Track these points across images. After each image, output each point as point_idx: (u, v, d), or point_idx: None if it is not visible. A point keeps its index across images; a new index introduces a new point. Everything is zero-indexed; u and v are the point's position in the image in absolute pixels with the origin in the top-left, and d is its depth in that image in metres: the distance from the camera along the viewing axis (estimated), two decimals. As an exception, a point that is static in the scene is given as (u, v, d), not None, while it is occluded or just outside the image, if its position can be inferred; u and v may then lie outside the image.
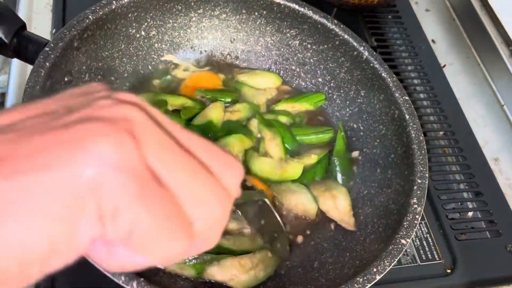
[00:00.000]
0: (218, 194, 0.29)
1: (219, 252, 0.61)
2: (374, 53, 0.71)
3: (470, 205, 0.81)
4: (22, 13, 0.85)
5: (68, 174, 0.23)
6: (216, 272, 0.59)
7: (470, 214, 0.79)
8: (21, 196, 0.22)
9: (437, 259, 0.72)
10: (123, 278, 0.47)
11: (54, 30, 0.84)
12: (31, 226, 0.22)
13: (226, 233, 0.64)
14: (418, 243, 0.72)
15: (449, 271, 0.71)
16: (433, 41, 1.02)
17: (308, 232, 0.67)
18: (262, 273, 0.61)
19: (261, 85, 0.78)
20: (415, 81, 0.94)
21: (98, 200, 0.24)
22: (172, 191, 0.27)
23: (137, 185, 0.25)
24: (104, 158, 0.24)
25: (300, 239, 0.67)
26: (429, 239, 0.73)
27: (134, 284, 0.47)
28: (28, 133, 0.24)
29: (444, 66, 0.98)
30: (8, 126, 0.25)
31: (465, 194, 0.82)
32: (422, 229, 0.74)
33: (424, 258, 0.71)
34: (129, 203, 0.24)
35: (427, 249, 0.72)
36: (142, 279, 0.48)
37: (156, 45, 0.75)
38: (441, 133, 0.87)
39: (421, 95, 0.92)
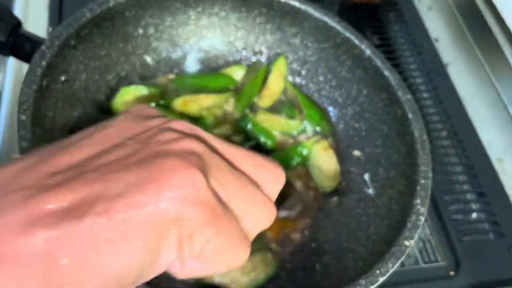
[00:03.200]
0: (264, 206, 0.34)
1: None
2: (376, 51, 0.71)
3: (473, 206, 0.80)
4: (17, 11, 0.85)
5: (154, 211, 0.27)
6: (216, 275, 0.59)
7: (473, 215, 0.79)
8: (119, 231, 0.26)
9: (440, 261, 0.71)
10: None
11: (50, 29, 0.84)
12: (126, 257, 0.26)
13: None
14: (421, 244, 0.72)
15: (452, 273, 0.71)
16: (435, 39, 1.02)
17: (307, 232, 0.67)
18: (263, 274, 0.61)
19: None
20: (418, 80, 0.93)
21: (178, 230, 0.28)
22: (230, 208, 0.31)
23: (208, 213, 0.29)
24: (182, 194, 0.28)
25: (297, 235, 0.66)
26: (432, 241, 0.73)
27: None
28: (111, 171, 0.27)
29: (447, 64, 0.98)
30: (86, 161, 0.28)
31: (468, 195, 0.81)
32: (425, 230, 0.74)
33: (426, 260, 0.71)
34: (202, 229, 0.29)
35: (429, 251, 0.72)
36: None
37: (154, 43, 0.74)
38: (444, 133, 0.87)
39: (424, 94, 0.92)
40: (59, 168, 0.27)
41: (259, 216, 0.33)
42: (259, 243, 0.64)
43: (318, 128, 0.75)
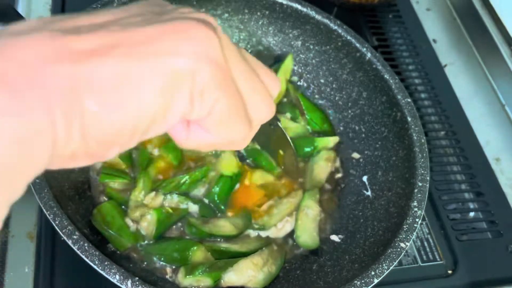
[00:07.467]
0: (267, 98, 0.35)
1: (230, 256, 0.61)
2: (377, 54, 0.71)
3: (471, 205, 0.81)
4: (20, 12, 0.85)
5: (171, 59, 0.29)
6: (234, 278, 0.59)
7: (471, 214, 0.79)
8: (138, 73, 0.28)
9: (438, 260, 0.72)
10: (117, 277, 0.47)
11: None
12: (142, 98, 0.28)
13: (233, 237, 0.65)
14: (419, 243, 0.72)
15: (450, 272, 0.71)
16: (434, 40, 1.02)
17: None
18: (274, 267, 0.62)
19: None
20: (416, 81, 0.93)
21: (191, 84, 0.29)
22: (237, 86, 0.32)
23: (221, 75, 0.30)
24: (198, 49, 0.29)
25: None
26: (430, 240, 0.73)
27: (129, 283, 0.47)
28: (134, 26, 0.29)
29: (445, 65, 0.98)
30: (110, 22, 0.29)
31: (466, 195, 0.82)
32: (423, 229, 0.74)
33: (425, 259, 0.71)
34: (214, 88, 0.30)
35: (428, 249, 0.72)
36: (136, 278, 0.48)
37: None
38: (442, 133, 0.87)
39: (422, 95, 0.92)
40: (83, 23, 0.28)
41: (262, 106, 0.35)
42: (261, 240, 0.66)
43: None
